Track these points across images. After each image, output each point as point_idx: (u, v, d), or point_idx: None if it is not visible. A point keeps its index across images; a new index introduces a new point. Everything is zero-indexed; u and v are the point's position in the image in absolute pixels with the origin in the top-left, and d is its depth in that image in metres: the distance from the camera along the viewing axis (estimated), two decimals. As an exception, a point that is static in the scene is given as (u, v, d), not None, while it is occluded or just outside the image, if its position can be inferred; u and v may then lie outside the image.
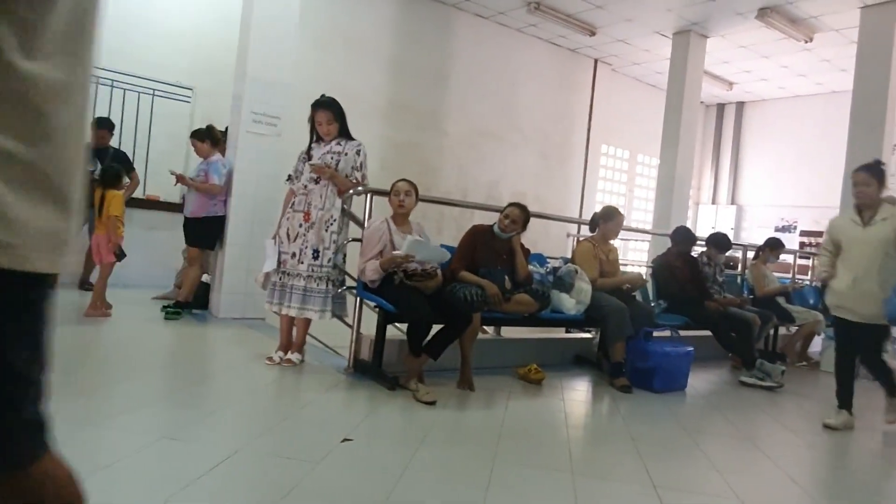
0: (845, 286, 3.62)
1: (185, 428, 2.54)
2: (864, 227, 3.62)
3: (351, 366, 3.82)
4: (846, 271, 3.64)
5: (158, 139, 6.50)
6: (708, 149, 12.07)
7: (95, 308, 4.66)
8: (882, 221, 3.57)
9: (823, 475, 3.01)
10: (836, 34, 8.07)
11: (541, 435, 3.03)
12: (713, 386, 4.70)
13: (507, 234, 4.01)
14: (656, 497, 2.32)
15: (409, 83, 8.22)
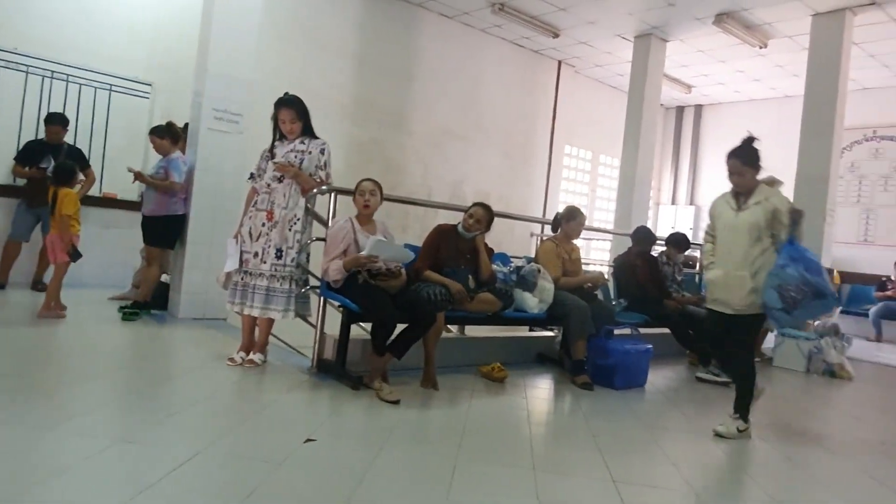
0: (718, 276, 3.40)
1: (144, 431, 2.50)
2: (737, 212, 3.41)
3: (314, 366, 3.80)
4: (719, 259, 3.44)
5: (115, 135, 6.34)
6: (668, 150, 12.33)
7: (49, 309, 4.52)
8: (755, 205, 3.38)
9: (775, 468, 3.12)
10: (789, 40, 8.34)
11: (503, 432, 3.07)
12: (671, 382, 4.82)
13: (471, 234, 4.04)
14: (615, 491, 2.38)
15: (374, 81, 8.19)
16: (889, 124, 9.65)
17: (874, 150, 9.81)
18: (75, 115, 5.98)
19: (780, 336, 6.07)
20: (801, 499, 2.63)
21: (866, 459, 3.30)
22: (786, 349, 5.95)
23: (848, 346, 5.95)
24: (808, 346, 5.81)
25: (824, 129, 7.44)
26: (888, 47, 8.18)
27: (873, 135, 9.81)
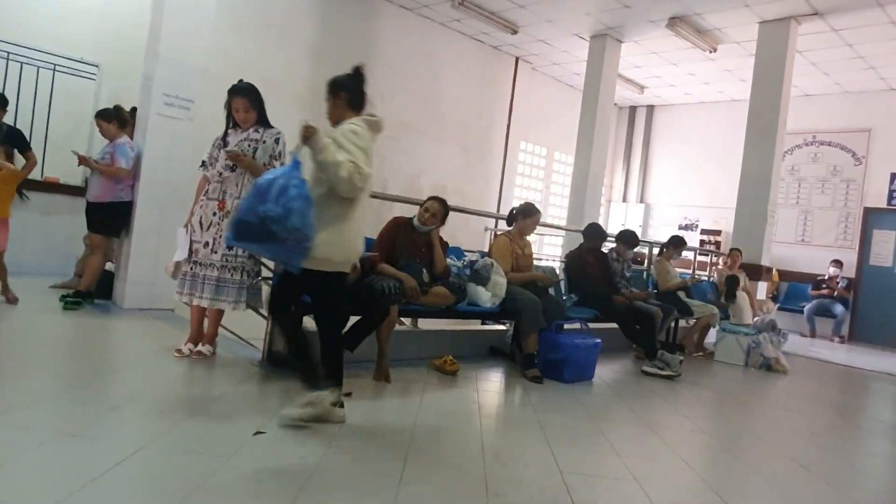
0: None
1: (86, 424, 2.43)
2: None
3: (265, 358, 3.76)
4: None
5: (59, 118, 6.09)
6: (620, 149, 12.61)
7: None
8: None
9: (713, 458, 3.26)
10: (737, 46, 8.63)
11: (455, 425, 3.11)
12: (618, 376, 4.95)
13: (426, 228, 4.06)
14: (561, 481, 2.44)
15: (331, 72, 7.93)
16: (827, 130, 10.10)
17: (813, 154, 10.26)
18: (16, 95, 5.72)
19: (721, 332, 6.32)
20: (735, 486, 2.76)
21: (798, 449, 3.48)
22: (726, 344, 6.19)
23: (784, 342, 6.23)
24: (746, 340, 6.06)
25: (768, 132, 7.74)
26: (828, 56, 8.56)
27: (813, 139, 10.25)
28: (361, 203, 2.86)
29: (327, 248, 2.70)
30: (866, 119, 9.77)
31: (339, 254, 2.75)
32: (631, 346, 5.73)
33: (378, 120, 2.96)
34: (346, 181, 2.69)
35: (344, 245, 2.76)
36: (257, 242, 2.64)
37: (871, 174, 9.69)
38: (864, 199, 9.71)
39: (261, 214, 2.54)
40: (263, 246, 2.67)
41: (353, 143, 2.78)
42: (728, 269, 7.30)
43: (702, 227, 11.33)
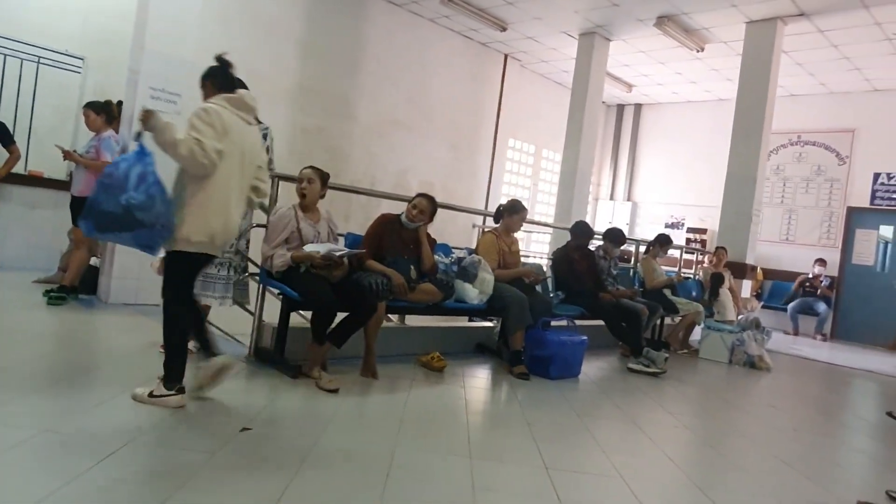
0: None
1: (70, 420, 2.42)
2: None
3: (251, 353, 3.75)
4: None
5: (43, 111, 6.02)
6: (608, 147, 12.66)
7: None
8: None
9: (697, 454, 3.30)
10: (724, 46, 8.69)
11: (441, 421, 3.12)
12: (604, 373, 4.99)
13: (414, 225, 4.06)
14: (547, 477, 2.46)
15: (320, 67, 8.06)
16: (812, 130, 10.21)
17: (798, 154, 10.37)
18: (-2, 87, 5.65)
19: (706, 329, 6.38)
20: (718, 482, 2.79)
21: (780, 445, 3.53)
22: (711, 341, 6.25)
23: (767, 339, 6.31)
24: (731, 338, 6.12)
25: (754, 132, 7.81)
26: (814, 56, 8.64)
27: (798, 139, 10.36)
28: (226, 181, 2.78)
29: (185, 228, 2.70)
30: (850, 119, 9.89)
31: (197, 233, 2.72)
32: (617, 344, 5.77)
33: (238, 96, 2.91)
34: (187, 158, 2.66)
35: (202, 224, 2.72)
36: (124, 231, 2.64)
37: (854, 174, 9.81)
38: (847, 199, 9.83)
39: (124, 204, 2.57)
40: (130, 234, 2.66)
41: (201, 120, 2.73)
42: (713, 267, 7.37)
43: (688, 225, 11.42)
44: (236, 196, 2.85)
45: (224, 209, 2.79)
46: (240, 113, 2.88)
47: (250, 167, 2.92)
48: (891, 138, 9.48)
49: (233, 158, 2.79)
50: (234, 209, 2.84)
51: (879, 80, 9.28)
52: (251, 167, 2.93)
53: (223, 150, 2.72)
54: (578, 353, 4.56)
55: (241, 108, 2.90)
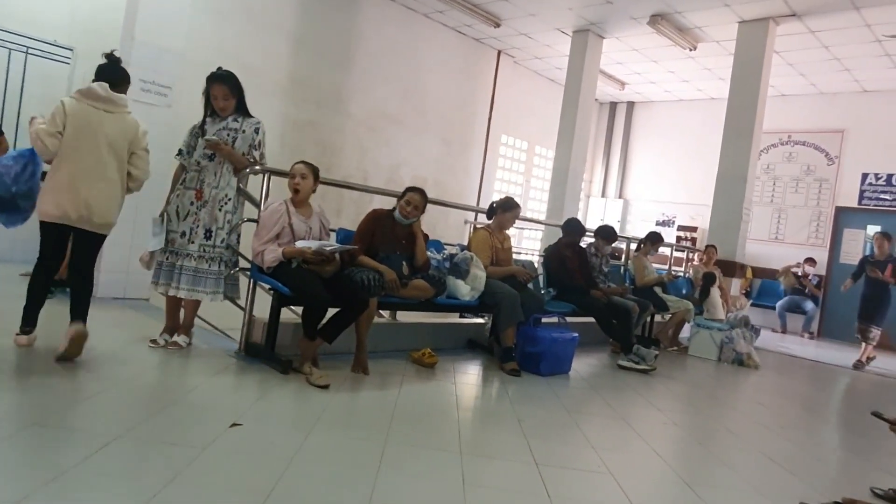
0: None
1: (58, 414, 2.40)
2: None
3: (242, 349, 3.73)
4: None
5: (32, 102, 5.94)
6: (600, 144, 12.69)
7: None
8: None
9: (685, 450, 3.32)
10: (717, 45, 8.73)
11: (432, 417, 3.12)
12: (594, 369, 5.01)
13: (408, 221, 4.04)
14: (537, 473, 2.47)
15: (312, 60, 8.02)
16: (802, 130, 10.28)
17: (788, 153, 10.44)
18: (-15, 77, 5.59)
19: (695, 327, 6.42)
20: (706, 478, 2.81)
21: (766, 441, 3.56)
22: (700, 339, 6.29)
23: (756, 337, 6.36)
24: (720, 336, 6.16)
25: (745, 131, 7.86)
26: (805, 57, 8.70)
27: (788, 139, 10.43)
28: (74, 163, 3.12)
29: (41, 202, 3.20)
30: (840, 120, 9.97)
31: (50, 206, 3.13)
32: (607, 341, 5.79)
33: (88, 88, 3.21)
34: (34, 143, 3.15)
35: (52, 200, 3.12)
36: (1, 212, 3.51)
37: (843, 174, 9.89)
38: (835, 199, 9.91)
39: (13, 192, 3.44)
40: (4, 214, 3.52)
41: (51, 112, 3.16)
42: (704, 265, 7.41)
43: (679, 223, 11.48)
44: (92, 176, 3.15)
45: (72, 187, 3.11)
46: (92, 102, 3.18)
47: (117, 152, 3.23)
48: (879, 139, 9.57)
49: (82, 142, 3.12)
50: (86, 186, 3.13)
51: (869, 81, 9.35)
52: (119, 152, 3.24)
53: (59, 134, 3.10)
54: (569, 350, 4.57)
55: (91, 97, 3.19)
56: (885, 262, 6.96)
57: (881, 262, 6.97)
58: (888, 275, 6.89)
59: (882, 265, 6.94)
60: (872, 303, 6.97)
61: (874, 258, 7.09)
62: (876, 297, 6.95)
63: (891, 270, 6.90)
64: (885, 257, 6.99)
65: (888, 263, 6.93)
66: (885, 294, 6.99)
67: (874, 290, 6.98)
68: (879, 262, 6.97)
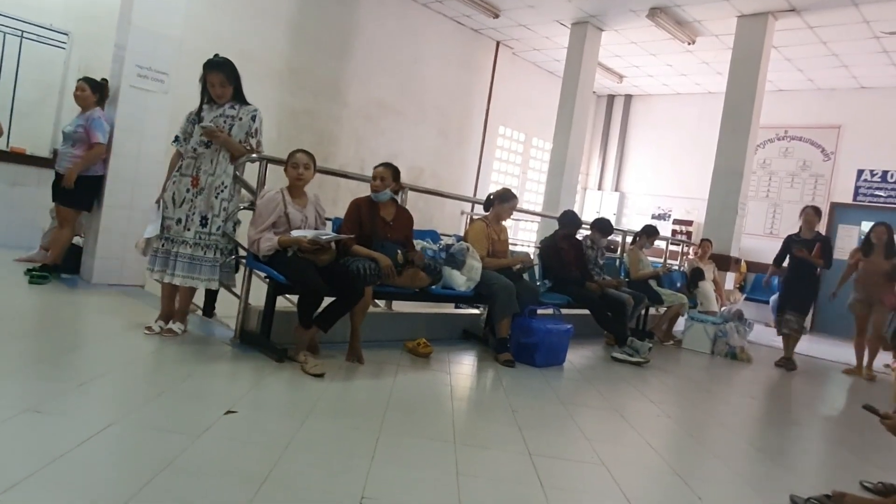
0: None
1: (53, 400, 2.40)
2: None
3: (237, 336, 3.74)
4: None
5: (26, 87, 5.90)
6: (597, 137, 12.69)
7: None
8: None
9: (677, 442, 3.35)
10: (715, 39, 8.71)
11: (427, 407, 3.13)
12: (588, 361, 5.03)
13: (381, 196, 3.99)
14: (531, 463, 2.49)
15: (309, 49, 7.97)
16: (799, 125, 10.30)
17: (784, 148, 10.46)
18: (-21, 61, 5.54)
19: (689, 320, 6.45)
20: (697, 470, 2.84)
21: (757, 435, 3.59)
22: (694, 332, 6.32)
23: (749, 331, 6.39)
24: (713, 329, 6.19)
25: (742, 126, 7.86)
26: (803, 52, 8.70)
27: (784, 134, 10.45)
28: None
29: None
30: (836, 116, 9.98)
31: None
32: (602, 333, 5.81)
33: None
34: None
35: None
36: None
37: (838, 170, 9.92)
38: (830, 195, 9.94)
39: None
40: None
41: None
42: (699, 259, 7.44)
43: (674, 217, 11.50)
44: None
45: None
46: None
47: None
48: (875, 135, 9.59)
49: None
50: None
51: (866, 77, 9.36)
52: None
53: None
54: (564, 342, 4.59)
55: None
56: (813, 240, 6.10)
57: (808, 241, 6.10)
58: (816, 255, 5.99)
59: (809, 244, 6.07)
60: (798, 287, 6.14)
61: (800, 236, 6.22)
62: (803, 282, 6.12)
63: (819, 250, 5.99)
64: (814, 235, 6.16)
65: (816, 242, 6.07)
66: (812, 278, 6.19)
67: (800, 273, 6.10)
68: (806, 241, 6.10)
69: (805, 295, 6.22)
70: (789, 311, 6.11)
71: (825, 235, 6.08)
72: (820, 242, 6.08)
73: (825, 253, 6.06)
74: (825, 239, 6.22)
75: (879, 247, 6.05)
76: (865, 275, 6.11)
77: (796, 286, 6.16)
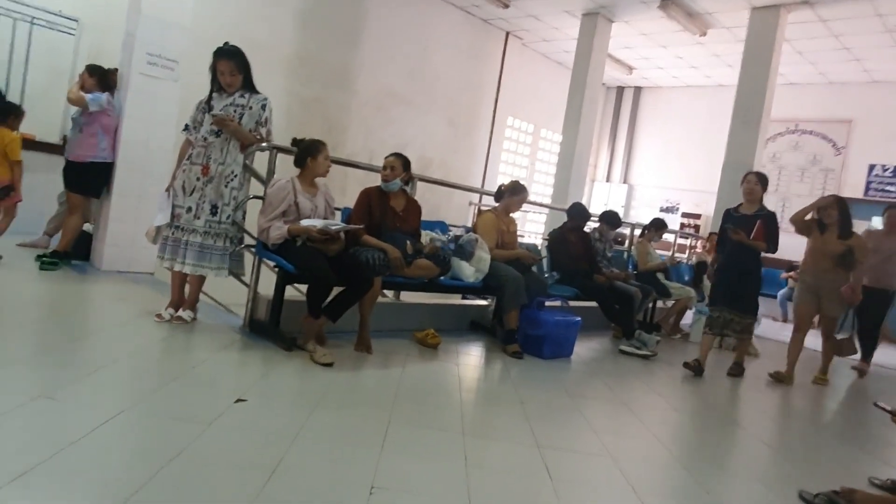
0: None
1: (64, 387, 2.41)
2: None
3: (246, 325, 3.75)
4: None
5: (36, 73, 5.91)
6: (606, 129, 12.62)
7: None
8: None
9: (684, 435, 3.34)
10: (726, 31, 8.64)
11: (435, 397, 3.14)
12: (596, 354, 5.03)
13: (391, 185, 4.00)
14: (538, 455, 2.49)
15: (319, 37, 7.94)
16: (809, 119, 10.21)
17: (794, 142, 10.38)
18: (-10, 47, 5.54)
19: (697, 314, 6.43)
20: (705, 464, 2.84)
21: (765, 430, 3.58)
22: (701, 326, 6.26)
23: (757, 325, 6.35)
24: (722, 324, 6.16)
25: (753, 119, 7.80)
26: (815, 46, 8.61)
27: (795, 128, 10.36)
28: None
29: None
30: (848, 110, 9.89)
31: None
32: (609, 325, 5.81)
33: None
34: None
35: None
36: None
37: (849, 164, 9.85)
38: (841, 189, 9.86)
39: None
40: None
41: None
42: (707, 252, 7.41)
43: (683, 210, 11.44)
44: None
45: None
46: None
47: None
48: (887, 130, 9.50)
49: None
50: None
51: (878, 71, 9.26)
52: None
53: None
54: (571, 334, 4.59)
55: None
56: (754, 217, 4.65)
57: (748, 218, 4.67)
58: (757, 237, 4.56)
59: (749, 222, 4.62)
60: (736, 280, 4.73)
61: (739, 211, 4.81)
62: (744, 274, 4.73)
63: (761, 230, 4.56)
64: (756, 210, 4.71)
65: (756, 220, 4.62)
66: (753, 266, 4.73)
67: (739, 259, 4.69)
68: (746, 219, 4.67)
69: (747, 290, 4.76)
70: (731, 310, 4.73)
71: (770, 211, 4.74)
72: (761, 220, 4.60)
73: (769, 233, 4.60)
74: (769, 215, 4.69)
75: (833, 224, 4.96)
76: (814, 256, 5.05)
77: (735, 278, 4.73)
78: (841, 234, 4.92)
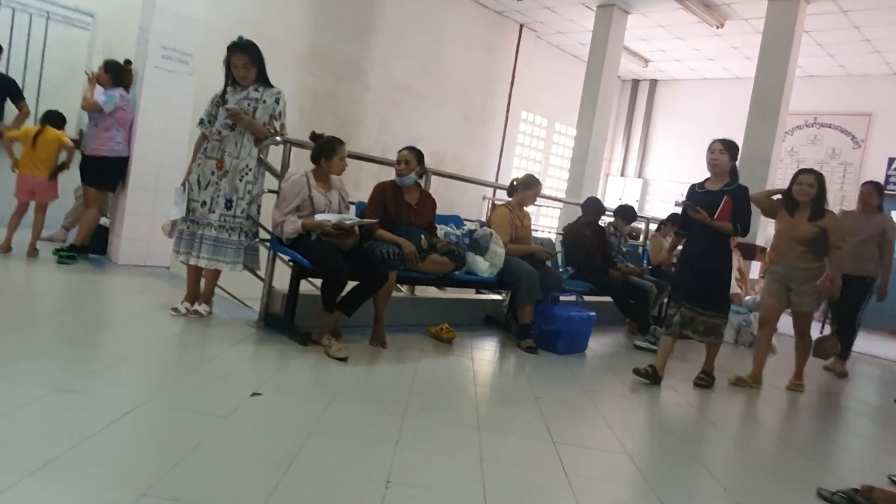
0: None
1: (83, 380, 2.43)
2: None
3: (261, 319, 3.76)
4: None
5: (52, 68, 5.95)
6: (621, 122, 12.51)
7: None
8: None
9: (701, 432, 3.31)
10: (745, 23, 8.51)
11: (450, 392, 3.13)
12: (610, 349, 5.00)
13: (406, 179, 3.99)
14: (554, 451, 2.48)
15: (333, 33, 7.93)
16: (828, 112, 10.05)
17: (813, 136, 10.23)
18: (8, 42, 5.57)
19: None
20: (721, 460, 2.81)
21: (783, 426, 3.54)
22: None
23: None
24: (737, 319, 6.11)
25: (771, 112, 7.69)
26: (835, 37, 8.47)
27: (814, 121, 10.21)
28: None
29: None
30: (867, 103, 9.73)
31: None
32: (624, 321, 5.77)
33: None
34: None
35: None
36: None
37: (869, 158, 9.69)
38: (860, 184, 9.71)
39: None
40: None
41: None
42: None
43: (698, 204, 11.32)
44: None
45: None
46: None
47: None
48: (909, 123, 9.34)
49: None
50: None
51: (900, 63, 9.11)
52: None
53: None
54: (586, 329, 4.56)
55: None
56: (720, 192, 3.88)
57: (714, 195, 3.89)
58: (722, 216, 3.79)
59: (715, 199, 3.85)
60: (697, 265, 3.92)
61: (704, 187, 4.03)
62: (706, 257, 3.90)
63: (727, 208, 3.80)
64: (724, 185, 3.92)
65: (724, 195, 3.84)
66: (721, 252, 3.96)
67: (701, 244, 3.93)
68: (710, 195, 3.91)
69: (713, 282, 3.92)
70: (693, 307, 3.90)
71: (741, 185, 3.93)
72: (728, 196, 3.83)
73: (737, 212, 3.83)
74: (738, 191, 3.89)
75: (806, 203, 4.19)
76: (783, 241, 4.30)
77: (699, 267, 3.91)
78: (813, 214, 4.15)
